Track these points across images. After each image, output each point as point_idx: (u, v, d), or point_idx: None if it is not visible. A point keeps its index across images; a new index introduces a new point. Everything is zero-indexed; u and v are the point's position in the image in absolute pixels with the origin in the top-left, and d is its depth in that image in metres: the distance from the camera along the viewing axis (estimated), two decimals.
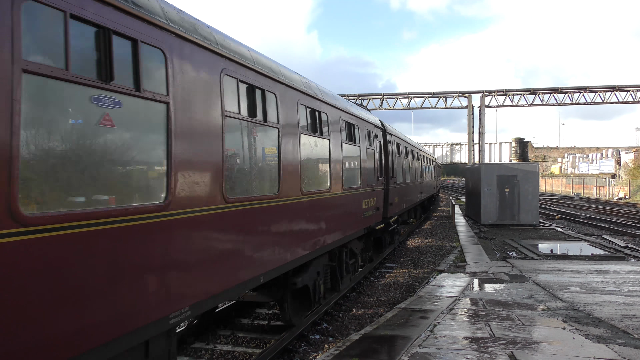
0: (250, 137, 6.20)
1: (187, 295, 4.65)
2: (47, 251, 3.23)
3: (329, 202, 8.80)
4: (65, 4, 3.41)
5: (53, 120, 3.53)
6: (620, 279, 11.48)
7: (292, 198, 7.09)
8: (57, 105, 3.55)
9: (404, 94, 69.68)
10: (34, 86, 3.23)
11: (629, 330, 7.52)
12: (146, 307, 4.10)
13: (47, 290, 3.22)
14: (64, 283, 3.35)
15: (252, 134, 6.22)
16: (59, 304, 3.30)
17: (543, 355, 6.36)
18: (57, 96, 3.52)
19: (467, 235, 20.43)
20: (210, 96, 5.16)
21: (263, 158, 6.49)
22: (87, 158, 3.72)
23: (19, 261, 3.06)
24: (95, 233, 3.57)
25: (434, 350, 6.59)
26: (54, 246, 3.28)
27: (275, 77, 6.68)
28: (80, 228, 3.45)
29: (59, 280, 3.31)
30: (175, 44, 4.61)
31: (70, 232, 3.38)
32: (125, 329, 3.85)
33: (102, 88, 3.72)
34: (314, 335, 8.70)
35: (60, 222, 3.31)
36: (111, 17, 3.81)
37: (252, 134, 6.19)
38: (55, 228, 3.27)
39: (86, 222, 3.50)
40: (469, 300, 9.55)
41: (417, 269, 14.59)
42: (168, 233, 4.36)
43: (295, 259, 7.24)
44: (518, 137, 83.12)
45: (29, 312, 3.12)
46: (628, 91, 63.60)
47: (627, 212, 34.41)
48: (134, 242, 3.97)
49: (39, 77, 3.23)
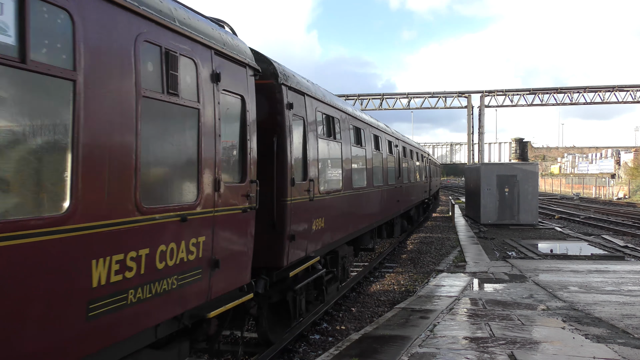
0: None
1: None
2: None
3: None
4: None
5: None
6: (620, 279, 11.48)
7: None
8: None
9: (403, 94, 69.67)
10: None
11: (628, 330, 7.52)
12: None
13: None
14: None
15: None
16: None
17: (543, 355, 6.36)
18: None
19: (467, 235, 20.43)
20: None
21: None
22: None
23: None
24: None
25: (434, 350, 6.58)
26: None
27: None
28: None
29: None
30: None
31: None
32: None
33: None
34: (313, 336, 8.70)
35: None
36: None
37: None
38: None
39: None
40: (468, 300, 9.55)
41: (417, 268, 14.59)
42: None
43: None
44: (517, 137, 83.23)
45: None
46: (627, 91, 63.62)
47: (627, 211, 34.43)
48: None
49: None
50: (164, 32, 4.34)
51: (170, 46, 4.40)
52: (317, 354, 7.46)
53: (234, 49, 5.62)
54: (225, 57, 5.40)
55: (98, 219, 3.58)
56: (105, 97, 3.68)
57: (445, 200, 48.81)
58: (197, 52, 4.83)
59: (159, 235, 4.24)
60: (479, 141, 70.45)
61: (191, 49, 4.73)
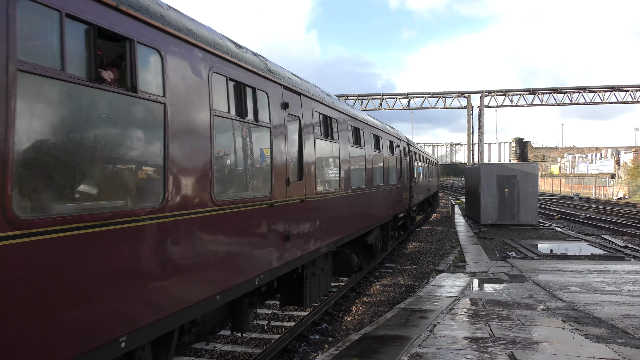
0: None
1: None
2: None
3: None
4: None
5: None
6: (619, 279, 11.49)
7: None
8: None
9: (403, 94, 69.68)
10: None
11: (628, 330, 7.52)
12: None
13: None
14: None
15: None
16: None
17: (543, 355, 6.37)
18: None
19: (467, 235, 20.43)
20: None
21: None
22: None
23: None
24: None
25: (434, 350, 6.59)
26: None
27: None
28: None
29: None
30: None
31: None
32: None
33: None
34: (313, 336, 8.70)
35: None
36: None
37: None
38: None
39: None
40: (468, 300, 9.56)
41: (417, 269, 14.60)
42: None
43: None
44: (517, 137, 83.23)
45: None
46: (627, 91, 63.64)
47: (627, 211, 34.43)
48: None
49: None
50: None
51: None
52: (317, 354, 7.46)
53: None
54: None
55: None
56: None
57: (445, 200, 48.79)
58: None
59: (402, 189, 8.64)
60: (479, 141, 70.46)
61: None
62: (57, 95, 3.59)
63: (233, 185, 5.95)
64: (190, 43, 4.87)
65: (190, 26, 5.02)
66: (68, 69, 3.44)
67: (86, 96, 3.71)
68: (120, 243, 3.89)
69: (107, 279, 3.77)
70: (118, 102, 4.02)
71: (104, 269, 3.73)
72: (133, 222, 3.99)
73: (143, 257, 4.13)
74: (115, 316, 3.85)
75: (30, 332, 3.18)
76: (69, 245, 3.42)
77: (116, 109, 4.08)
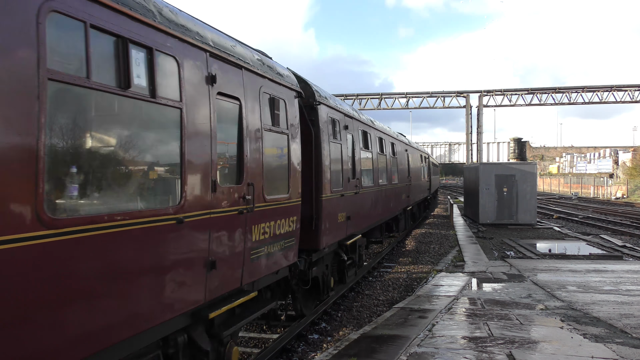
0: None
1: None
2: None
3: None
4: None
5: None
6: (618, 278, 11.50)
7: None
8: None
9: (402, 94, 69.69)
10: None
11: (627, 329, 7.53)
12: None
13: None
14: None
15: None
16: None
17: (541, 354, 6.37)
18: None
19: (466, 234, 20.45)
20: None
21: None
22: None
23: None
24: None
25: (433, 350, 6.59)
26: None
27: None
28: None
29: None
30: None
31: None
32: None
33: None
34: (312, 335, 8.70)
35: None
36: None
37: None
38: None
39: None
40: (467, 300, 9.56)
41: (416, 268, 14.61)
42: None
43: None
44: (516, 137, 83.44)
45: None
46: (626, 91, 63.73)
47: (625, 211, 34.49)
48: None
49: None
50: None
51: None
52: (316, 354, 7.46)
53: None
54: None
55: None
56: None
57: (444, 200, 48.82)
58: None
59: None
60: (478, 141, 70.51)
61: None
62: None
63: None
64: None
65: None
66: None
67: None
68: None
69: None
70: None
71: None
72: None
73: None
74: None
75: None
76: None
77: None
